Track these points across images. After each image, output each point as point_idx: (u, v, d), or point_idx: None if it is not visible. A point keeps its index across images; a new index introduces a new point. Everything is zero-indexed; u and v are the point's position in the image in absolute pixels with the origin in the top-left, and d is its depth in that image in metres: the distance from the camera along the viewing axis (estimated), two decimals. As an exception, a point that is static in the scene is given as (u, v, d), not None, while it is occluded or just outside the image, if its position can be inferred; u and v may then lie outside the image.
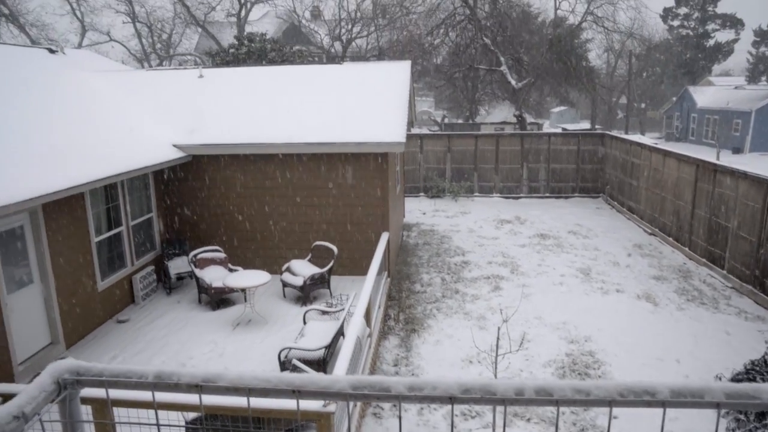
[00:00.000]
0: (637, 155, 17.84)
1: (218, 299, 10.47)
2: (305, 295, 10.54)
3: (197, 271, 10.53)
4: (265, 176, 11.70)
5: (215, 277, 10.37)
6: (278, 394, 1.49)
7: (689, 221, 14.19)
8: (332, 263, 10.86)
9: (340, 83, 13.13)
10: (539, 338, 9.71)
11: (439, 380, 1.44)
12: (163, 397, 1.58)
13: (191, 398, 4.12)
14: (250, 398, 1.52)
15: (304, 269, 10.71)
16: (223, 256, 11.03)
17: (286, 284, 10.72)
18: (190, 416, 4.99)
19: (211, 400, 4.07)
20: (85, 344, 9.08)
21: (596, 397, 1.41)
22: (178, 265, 11.34)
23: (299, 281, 10.44)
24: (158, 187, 11.78)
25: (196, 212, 12.02)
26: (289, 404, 4.23)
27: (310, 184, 11.65)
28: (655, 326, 10.21)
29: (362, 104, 12.08)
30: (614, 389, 1.40)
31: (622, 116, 51.22)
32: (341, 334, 8.04)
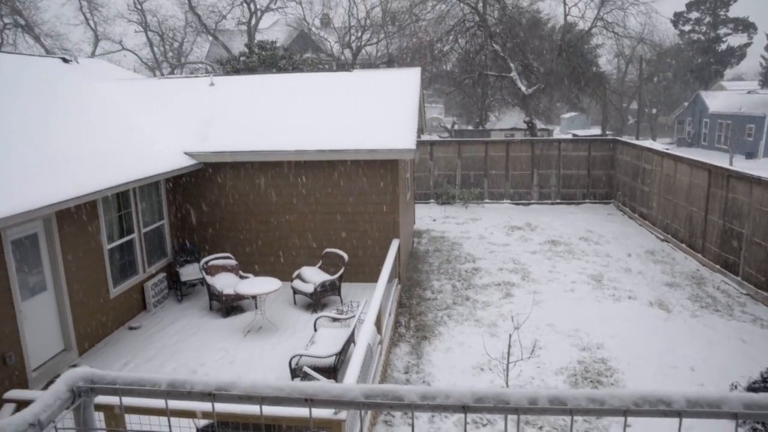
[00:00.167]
0: (648, 161, 17.71)
1: (229, 306, 10.49)
2: (316, 302, 10.55)
3: (208, 278, 10.57)
4: (275, 183, 11.75)
5: (226, 284, 10.40)
6: (291, 402, 1.49)
7: (702, 227, 14.05)
8: (343, 270, 10.87)
9: (350, 90, 13.18)
10: (551, 345, 9.64)
11: (451, 389, 1.44)
12: (175, 404, 1.59)
13: (203, 405, 4.12)
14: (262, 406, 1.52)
15: (314, 276, 10.73)
16: (234, 263, 11.08)
17: (296, 291, 10.74)
18: (201, 423, 5.00)
19: (223, 407, 4.08)
20: (97, 351, 9.14)
21: (611, 406, 1.39)
22: (189, 272, 11.39)
23: (310, 288, 10.46)
24: (170, 194, 11.87)
25: (206, 219, 12.10)
26: (300, 412, 4.23)
27: (320, 191, 11.69)
28: (668, 333, 10.10)
29: (372, 111, 12.11)
30: (629, 398, 1.38)
31: (633, 122, 50.93)
32: (352, 341, 8.03)
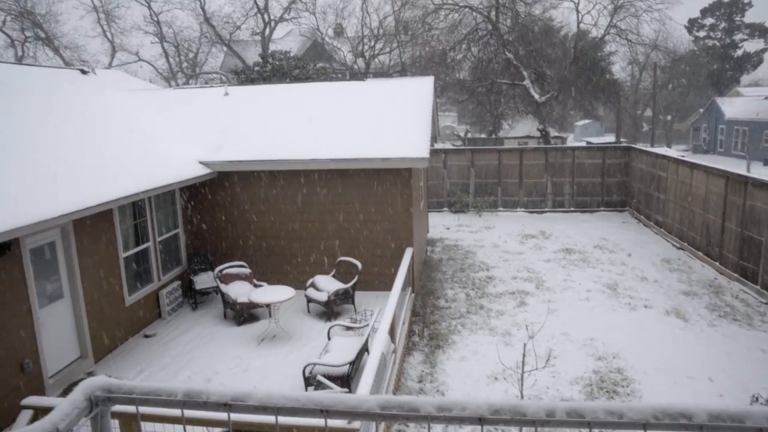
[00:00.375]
0: (663, 168, 17.54)
1: (243, 314, 10.52)
2: (329, 310, 10.55)
3: (222, 286, 10.62)
4: (289, 192, 11.81)
5: (240, 292, 10.44)
6: (306, 413, 1.49)
7: (719, 235, 13.86)
8: (356, 279, 10.87)
9: (363, 99, 13.24)
10: (566, 355, 9.54)
11: (468, 401, 1.43)
12: (190, 413, 1.60)
13: (218, 414, 4.13)
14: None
15: (328, 285, 10.74)
16: (248, 271, 11.12)
17: (310, 300, 10.75)
18: (215, 432, 5.01)
19: (238, 416, 4.09)
20: (112, 358, 9.21)
21: (630, 419, 1.37)
22: (203, 280, 11.45)
23: (323, 297, 10.46)
24: (184, 203, 11.97)
25: (221, 228, 12.17)
26: (314, 421, 4.22)
27: (334, 199, 11.72)
28: (685, 343, 9.95)
29: (386, 120, 12.14)
30: (649, 412, 1.36)
31: (647, 129, 50.51)
32: (366, 350, 8.01)
